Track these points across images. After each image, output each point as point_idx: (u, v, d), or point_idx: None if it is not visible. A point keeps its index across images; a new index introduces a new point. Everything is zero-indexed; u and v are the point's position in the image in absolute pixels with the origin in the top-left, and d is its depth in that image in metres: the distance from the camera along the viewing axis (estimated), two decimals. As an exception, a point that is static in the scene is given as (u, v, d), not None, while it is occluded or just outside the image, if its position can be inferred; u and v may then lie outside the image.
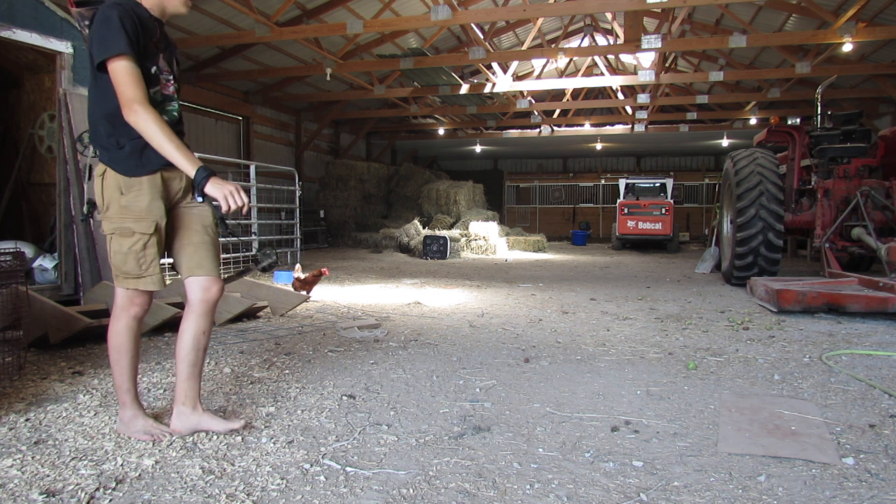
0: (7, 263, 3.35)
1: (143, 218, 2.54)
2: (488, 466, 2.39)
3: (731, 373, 3.84)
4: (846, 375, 3.75)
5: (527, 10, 11.06)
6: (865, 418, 2.96)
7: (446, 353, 4.33)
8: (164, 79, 2.62)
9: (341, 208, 19.38)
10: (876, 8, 11.34)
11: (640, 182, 18.91)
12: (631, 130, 21.01)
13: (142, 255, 2.54)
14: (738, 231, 8.00)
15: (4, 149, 6.89)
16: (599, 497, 2.15)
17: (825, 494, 2.18)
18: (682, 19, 12.57)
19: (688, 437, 2.72)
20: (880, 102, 17.57)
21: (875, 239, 7.39)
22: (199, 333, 2.63)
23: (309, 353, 4.33)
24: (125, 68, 2.41)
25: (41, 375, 3.63)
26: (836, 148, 8.41)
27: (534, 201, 27.83)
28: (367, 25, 11.36)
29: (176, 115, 2.66)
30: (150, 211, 2.54)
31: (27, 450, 2.48)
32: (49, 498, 2.07)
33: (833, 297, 5.86)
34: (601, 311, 6.30)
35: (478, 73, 17.40)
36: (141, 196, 2.53)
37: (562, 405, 3.17)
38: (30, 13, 5.23)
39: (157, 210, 2.56)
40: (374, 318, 5.79)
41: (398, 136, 24.42)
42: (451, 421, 2.91)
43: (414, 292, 7.81)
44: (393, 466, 2.39)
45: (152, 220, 2.55)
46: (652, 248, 18.05)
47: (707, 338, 4.94)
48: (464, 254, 14.81)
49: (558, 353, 4.39)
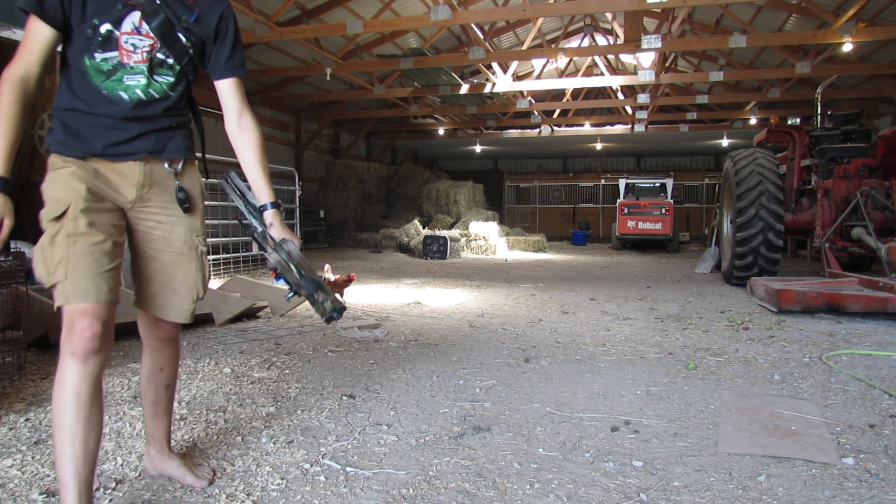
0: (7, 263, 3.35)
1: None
2: (488, 466, 2.39)
3: (731, 373, 3.84)
4: (846, 375, 3.75)
5: (527, 10, 11.05)
6: (865, 418, 2.96)
7: (446, 353, 4.33)
8: (131, 44, 1.95)
9: (341, 208, 19.37)
10: (876, 8, 11.34)
11: (640, 182, 18.90)
12: (631, 130, 21.00)
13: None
14: (738, 231, 8.00)
15: (4, 149, 6.89)
16: (599, 497, 2.15)
17: (825, 494, 2.18)
18: (682, 19, 12.57)
19: (688, 437, 2.72)
20: (880, 102, 17.56)
21: (875, 239, 7.39)
22: (155, 370, 2.23)
23: (309, 352, 4.33)
24: (26, 28, 1.95)
25: (41, 375, 3.62)
26: (836, 148, 8.41)
27: (534, 201, 27.82)
28: (367, 25, 11.36)
29: (140, 93, 1.98)
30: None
31: (27, 450, 2.48)
32: (49, 498, 2.07)
33: (833, 297, 5.86)
34: (601, 311, 6.30)
35: (478, 73, 17.39)
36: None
37: (562, 405, 3.17)
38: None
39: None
40: (374, 318, 5.79)
41: (398, 136, 24.42)
42: (451, 421, 2.91)
43: (414, 292, 7.81)
44: (393, 466, 2.39)
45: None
46: (652, 248, 18.04)
47: (707, 338, 4.94)
48: (464, 254, 14.81)
49: (558, 353, 4.39)
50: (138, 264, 2.11)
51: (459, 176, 23.06)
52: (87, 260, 1.84)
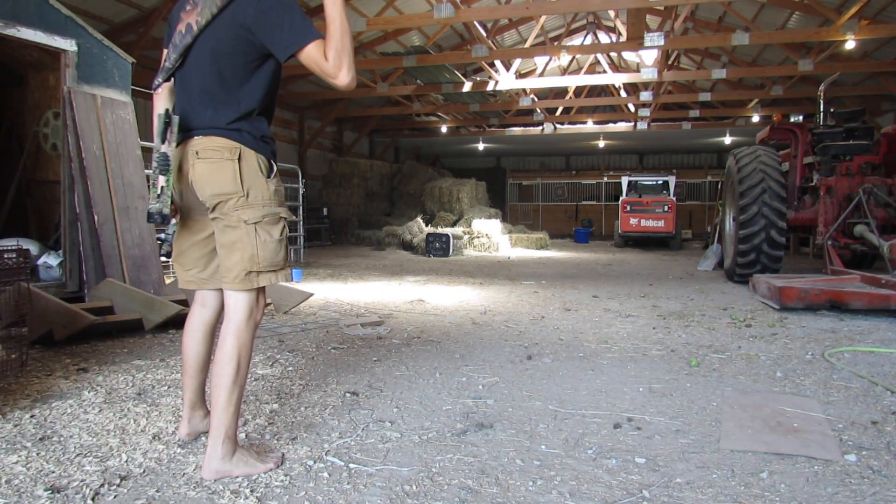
0: (12, 261, 3.36)
1: (284, 204, 2.37)
2: (491, 463, 2.40)
3: (734, 370, 3.84)
4: (848, 372, 3.76)
5: (529, 8, 11.04)
6: (868, 415, 2.97)
7: (449, 351, 4.34)
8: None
9: (344, 206, 19.39)
10: (878, 5, 11.32)
11: (643, 179, 18.89)
12: (634, 128, 20.97)
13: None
14: (741, 228, 8.00)
15: (9, 146, 6.91)
16: (602, 494, 2.16)
17: (827, 491, 2.18)
18: (685, 17, 12.56)
19: (690, 434, 2.73)
20: (883, 100, 17.52)
21: (877, 236, 7.39)
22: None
23: (312, 350, 4.34)
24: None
25: (46, 372, 3.64)
26: (839, 145, 8.40)
27: (536, 199, 27.80)
28: (371, 23, 11.36)
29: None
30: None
31: (32, 446, 2.50)
32: (54, 494, 2.09)
33: (835, 295, 5.86)
34: (603, 309, 6.31)
35: (480, 70, 17.37)
36: (280, 182, 2.37)
37: (564, 402, 3.18)
38: (34, 11, 5.23)
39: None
40: (378, 315, 5.80)
41: (401, 134, 24.41)
42: (453, 418, 2.92)
43: (417, 289, 7.82)
44: (396, 463, 2.40)
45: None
46: (654, 245, 18.03)
47: (709, 335, 4.94)
48: (466, 251, 14.81)
49: (561, 350, 4.39)
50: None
51: (462, 174, 23.06)
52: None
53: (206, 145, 2.23)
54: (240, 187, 2.21)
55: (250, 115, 2.27)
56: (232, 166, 2.21)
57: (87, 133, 5.63)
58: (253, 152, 2.24)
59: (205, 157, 2.22)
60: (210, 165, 2.22)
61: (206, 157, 2.22)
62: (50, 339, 4.31)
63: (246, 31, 2.18)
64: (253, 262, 2.22)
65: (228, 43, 2.21)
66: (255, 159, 2.24)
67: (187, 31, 2.26)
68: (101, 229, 5.57)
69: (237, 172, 2.21)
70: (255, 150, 2.25)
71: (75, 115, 5.55)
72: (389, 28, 13.36)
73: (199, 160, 2.24)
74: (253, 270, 2.23)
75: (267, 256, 2.24)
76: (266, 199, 2.25)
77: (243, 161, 2.22)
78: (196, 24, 2.23)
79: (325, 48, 2.10)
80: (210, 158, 2.22)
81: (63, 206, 5.55)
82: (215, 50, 2.22)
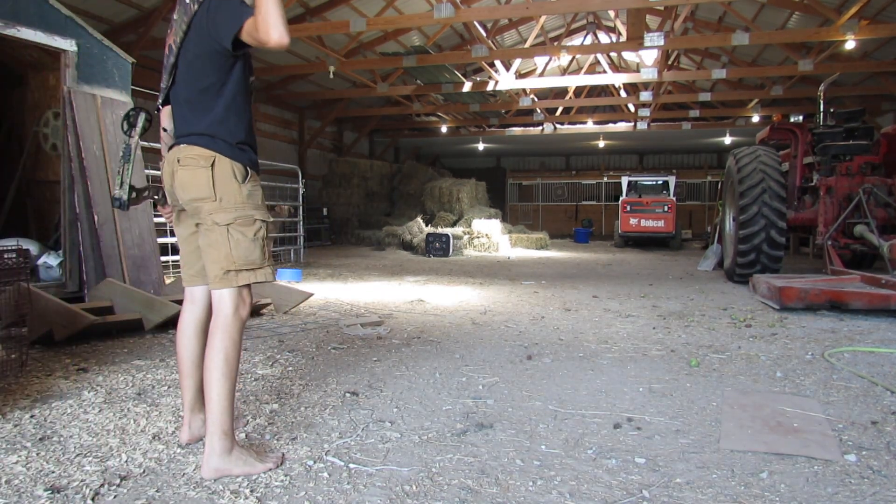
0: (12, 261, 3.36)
1: (261, 207, 2.45)
2: (491, 463, 2.40)
3: (734, 370, 3.84)
4: (848, 372, 3.76)
5: (529, 8, 11.04)
6: (868, 415, 2.97)
7: (449, 351, 4.34)
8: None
9: (344, 206, 19.38)
10: (879, 5, 11.31)
11: (643, 179, 18.89)
12: (633, 128, 20.96)
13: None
14: (741, 228, 8.00)
15: (9, 146, 6.91)
16: (602, 494, 2.16)
17: (827, 491, 2.18)
18: (685, 17, 12.55)
19: (690, 434, 2.73)
20: (883, 100, 17.52)
21: (877, 236, 7.39)
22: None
23: (312, 350, 4.34)
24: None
25: (46, 372, 3.64)
26: (839, 145, 8.40)
27: (536, 199, 27.81)
28: (371, 23, 11.35)
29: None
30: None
31: (32, 446, 2.50)
32: (54, 494, 2.09)
33: (835, 295, 5.86)
34: (603, 309, 6.31)
35: (480, 70, 17.37)
36: (256, 186, 2.45)
37: (564, 402, 3.18)
38: (34, 11, 5.23)
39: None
40: (378, 315, 5.80)
41: (401, 134, 24.41)
42: (453, 418, 2.92)
43: (417, 290, 7.82)
44: (396, 463, 2.40)
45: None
46: (654, 245, 18.03)
47: (709, 335, 4.94)
48: (466, 251, 14.81)
49: (561, 350, 4.39)
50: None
51: (462, 174, 23.05)
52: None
53: (186, 153, 2.38)
54: (212, 192, 2.34)
55: (225, 121, 2.40)
56: (206, 174, 2.34)
57: (87, 133, 5.64)
58: (227, 159, 2.37)
59: (184, 165, 2.38)
60: (188, 172, 2.37)
61: (185, 165, 2.37)
62: (50, 339, 4.31)
63: (208, 38, 2.33)
64: (228, 260, 2.34)
65: (198, 54, 2.37)
66: (230, 165, 2.37)
67: (170, 52, 2.46)
68: (101, 229, 5.57)
69: (210, 179, 2.34)
70: (230, 156, 2.37)
71: (75, 115, 5.55)
72: (389, 28, 13.36)
73: (179, 167, 2.39)
74: (231, 269, 2.34)
75: (241, 255, 2.35)
76: (238, 202, 2.36)
77: (216, 168, 2.35)
78: (175, 44, 2.43)
79: (256, 20, 2.17)
80: (188, 166, 2.37)
81: (63, 206, 5.56)
82: (191, 63, 2.40)
